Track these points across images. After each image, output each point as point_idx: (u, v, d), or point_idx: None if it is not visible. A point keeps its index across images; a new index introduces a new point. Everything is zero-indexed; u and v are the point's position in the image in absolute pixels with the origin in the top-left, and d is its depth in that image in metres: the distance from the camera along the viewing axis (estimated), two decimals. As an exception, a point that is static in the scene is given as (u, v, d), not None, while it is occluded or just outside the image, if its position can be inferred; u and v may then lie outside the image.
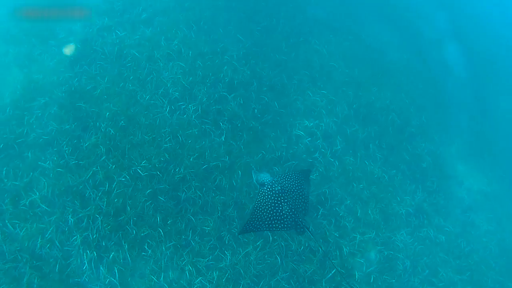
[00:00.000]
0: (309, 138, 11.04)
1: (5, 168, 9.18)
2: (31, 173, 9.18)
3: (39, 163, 9.33)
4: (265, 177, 8.29)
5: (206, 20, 13.06)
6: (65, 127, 9.77)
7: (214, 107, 10.85)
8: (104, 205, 8.86)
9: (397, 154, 11.96)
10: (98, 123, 9.95)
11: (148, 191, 9.16)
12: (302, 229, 7.79)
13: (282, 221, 7.68)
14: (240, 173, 9.65)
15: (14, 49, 11.44)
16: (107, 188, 9.07)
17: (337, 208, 10.12)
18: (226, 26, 12.96)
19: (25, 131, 9.74)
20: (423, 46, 16.68)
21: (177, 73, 11.16)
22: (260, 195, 8.02)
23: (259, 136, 10.61)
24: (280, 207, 7.78)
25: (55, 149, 9.53)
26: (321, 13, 14.96)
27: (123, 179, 9.14)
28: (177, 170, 9.57)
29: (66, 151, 9.50)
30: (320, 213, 9.90)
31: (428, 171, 12.04)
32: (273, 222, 7.67)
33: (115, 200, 8.93)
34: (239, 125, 10.61)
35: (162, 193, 9.26)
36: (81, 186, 9.08)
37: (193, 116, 10.48)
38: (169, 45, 11.84)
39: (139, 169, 9.36)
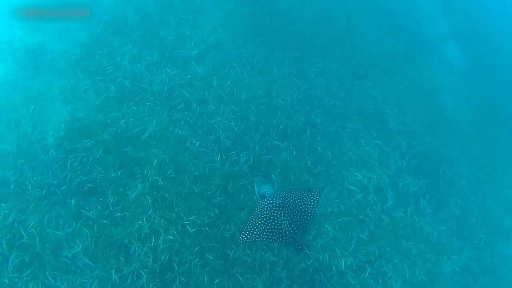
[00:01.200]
0: (362, 194, 10.98)
1: (47, 216, 9.24)
2: (74, 223, 9.23)
3: (83, 211, 9.36)
4: (267, 189, 8.41)
5: (259, 58, 13.08)
6: (111, 175, 9.74)
7: (266, 157, 10.84)
8: (150, 261, 8.89)
9: (446, 209, 11.90)
10: (145, 171, 9.98)
11: (197, 248, 9.17)
12: (300, 247, 7.88)
13: (280, 235, 7.82)
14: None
15: (59, 81, 11.45)
16: (153, 243, 9.04)
17: (385, 268, 10.15)
18: (280, 66, 12.95)
19: (68, 177, 9.76)
20: (478, 91, 16.40)
21: (229, 118, 11.15)
22: (260, 207, 8.15)
23: (311, 190, 10.40)
24: (279, 221, 7.90)
25: (100, 199, 9.55)
26: (377, 53, 14.92)
27: (170, 234, 9.19)
28: (226, 227, 9.59)
29: (111, 201, 9.52)
30: (367, 272, 9.94)
31: (476, 227, 11.96)
32: (271, 235, 7.81)
33: (162, 258, 8.95)
34: (292, 178, 10.51)
35: (210, 251, 9.26)
36: (126, 240, 9.08)
37: (245, 167, 10.35)
38: (221, 86, 11.84)
39: (187, 223, 9.36)
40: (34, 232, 9.00)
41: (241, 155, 10.70)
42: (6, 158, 9.98)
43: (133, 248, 9.03)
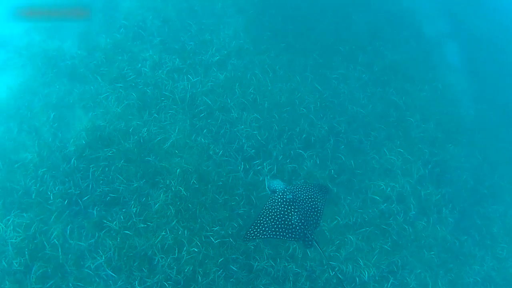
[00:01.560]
0: (385, 204, 10.94)
1: (69, 226, 9.24)
2: (97, 234, 9.22)
3: (105, 222, 9.36)
4: (277, 184, 8.44)
5: (282, 64, 13.07)
6: (134, 185, 9.76)
7: (289, 166, 10.83)
8: (174, 273, 8.86)
9: (469, 218, 11.86)
10: (168, 181, 9.97)
11: (220, 259, 9.15)
12: (310, 242, 7.90)
13: (290, 231, 7.83)
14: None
15: (79, 88, 11.47)
16: (176, 254, 9.04)
17: (407, 278, 10.13)
18: (303, 72, 12.95)
19: (90, 186, 9.78)
20: (499, 97, 16.30)
21: (252, 126, 11.17)
22: (270, 201, 8.16)
23: (334, 199, 10.60)
24: (290, 216, 7.91)
25: (123, 209, 9.55)
26: (399, 58, 14.87)
27: (194, 246, 9.19)
28: (251, 237, 9.38)
29: (134, 211, 9.52)
30: (390, 283, 9.93)
31: (498, 237, 11.89)
32: (280, 230, 7.81)
33: (185, 269, 8.93)
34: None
35: (234, 262, 9.25)
36: (149, 252, 9.07)
37: (268, 177, 10.30)
38: (243, 93, 11.83)
39: (211, 234, 9.36)
40: (57, 242, 9.00)
41: (265, 164, 10.70)
42: (27, 166, 10.00)
43: (156, 260, 9.03)
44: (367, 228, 10.40)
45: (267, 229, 7.83)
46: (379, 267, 9.99)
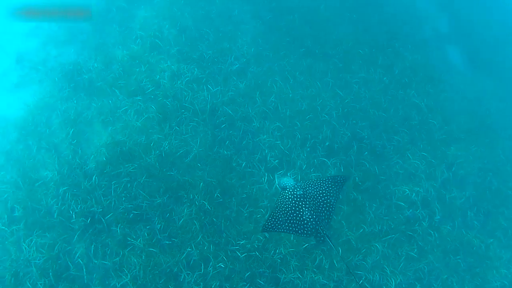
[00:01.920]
0: (410, 210, 10.77)
1: (93, 245, 9.16)
2: (121, 252, 9.10)
3: (129, 239, 9.26)
4: (288, 181, 8.32)
5: (302, 70, 12.96)
6: (157, 201, 9.66)
7: (313, 175, 10.66)
8: (201, 289, 8.58)
9: (494, 221, 11.62)
10: (191, 195, 9.84)
11: (247, 274, 9.04)
12: (322, 238, 7.77)
13: (301, 227, 7.75)
14: (340, 250, 9.52)
15: (97, 102, 11.35)
16: (202, 270, 8.96)
17: (434, 285, 9.99)
18: (323, 78, 12.80)
19: (112, 204, 9.65)
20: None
21: (274, 136, 11.05)
22: (281, 198, 8.07)
23: (359, 207, 10.45)
24: (301, 212, 7.82)
25: (147, 226, 9.45)
26: (418, 59, 14.70)
27: (220, 260, 9.10)
28: (277, 250, 9.43)
29: (158, 227, 9.43)
30: None
31: (524, 238, 11.54)
32: (292, 225, 7.75)
33: (212, 285, 8.86)
34: (340, 196, 10.23)
35: (261, 276, 9.14)
36: (175, 268, 8.98)
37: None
38: (264, 101, 11.71)
39: (237, 248, 9.26)
40: (81, 262, 8.95)
41: (289, 174, 10.54)
42: (48, 185, 9.93)
43: (182, 276, 8.95)
44: (393, 235, 10.25)
45: (281, 223, 7.80)
46: (406, 274, 9.87)
